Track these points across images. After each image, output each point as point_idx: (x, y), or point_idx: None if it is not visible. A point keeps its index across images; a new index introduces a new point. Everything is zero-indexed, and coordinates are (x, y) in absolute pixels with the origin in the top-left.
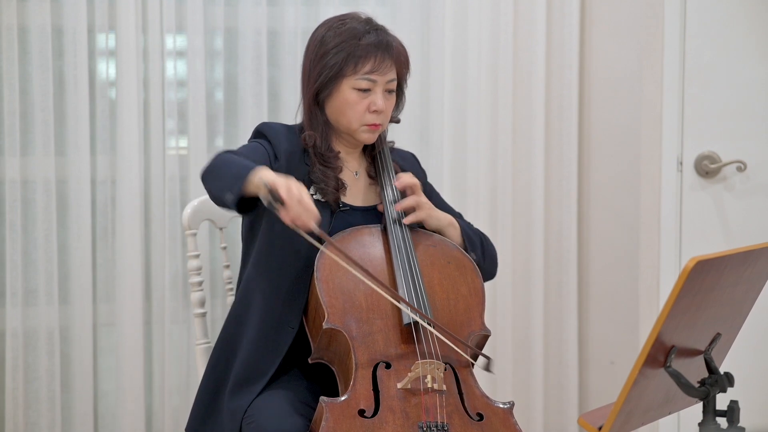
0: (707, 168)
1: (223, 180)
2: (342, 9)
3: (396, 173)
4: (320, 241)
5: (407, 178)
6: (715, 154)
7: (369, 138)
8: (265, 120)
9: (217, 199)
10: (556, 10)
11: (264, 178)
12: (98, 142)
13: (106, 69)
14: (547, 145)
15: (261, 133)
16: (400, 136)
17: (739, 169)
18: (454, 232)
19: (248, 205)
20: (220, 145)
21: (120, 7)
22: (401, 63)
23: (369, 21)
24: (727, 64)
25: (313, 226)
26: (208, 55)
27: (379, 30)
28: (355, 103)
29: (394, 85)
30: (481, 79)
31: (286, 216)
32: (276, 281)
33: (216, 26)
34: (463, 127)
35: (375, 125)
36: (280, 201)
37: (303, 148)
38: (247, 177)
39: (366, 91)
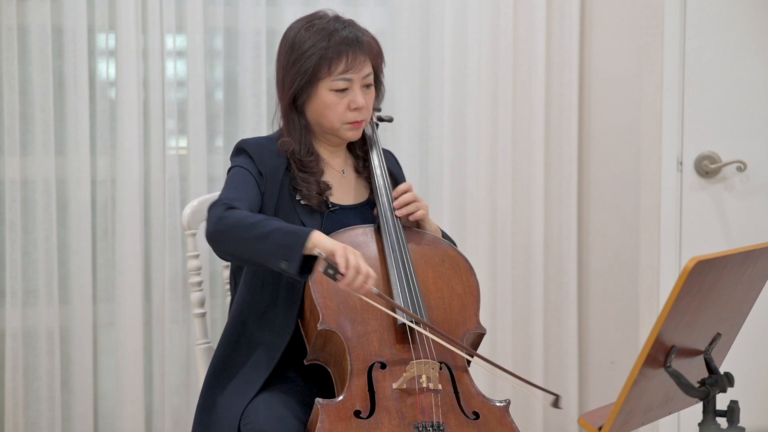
0: (707, 168)
1: (267, 246)
2: (341, 9)
3: (386, 168)
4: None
5: (404, 191)
6: (715, 154)
7: (353, 135)
8: (264, 120)
9: (253, 263)
10: (556, 10)
11: (319, 246)
12: (98, 142)
13: (106, 69)
14: (547, 145)
15: (243, 150)
16: (400, 136)
17: (739, 169)
18: None
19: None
20: (220, 144)
21: (120, 7)
22: (374, 55)
23: (337, 18)
24: (727, 64)
25: (372, 289)
26: (208, 55)
27: (348, 26)
28: (334, 104)
29: (371, 79)
30: (481, 79)
31: (344, 285)
32: (274, 286)
33: (216, 26)
34: (463, 127)
35: (357, 122)
36: (338, 272)
37: (287, 158)
38: (304, 245)
39: (343, 90)
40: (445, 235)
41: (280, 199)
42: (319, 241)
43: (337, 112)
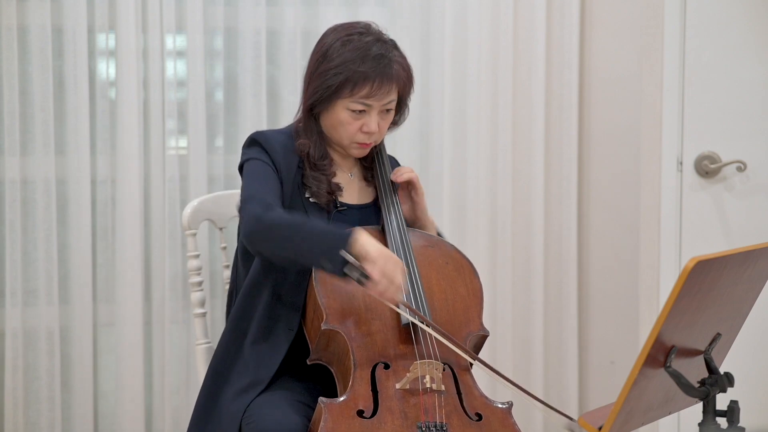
0: (707, 168)
1: (311, 245)
2: (341, 9)
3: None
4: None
5: (407, 172)
6: (715, 154)
7: (359, 153)
8: (264, 120)
9: (292, 262)
10: (556, 10)
11: (363, 245)
12: (98, 142)
13: (106, 69)
14: (547, 145)
15: (256, 141)
16: (400, 136)
17: (739, 169)
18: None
19: None
20: (220, 144)
21: (120, 7)
22: (402, 84)
23: (378, 39)
24: (727, 64)
25: (400, 299)
26: (207, 55)
27: (387, 50)
28: (347, 123)
29: (392, 105)
30: (481, 79)
31: (373, 291)
32: (277, 285)
33: (216, 26)
34: (463, 127)
35: (366, 144)
36: (368, 278)
37: (299, 155)
38: (347, 243)
39: (360, 112)
40: (440, 236)
41: (290, 194)
42: (361, 244)
43: (349, 132)
